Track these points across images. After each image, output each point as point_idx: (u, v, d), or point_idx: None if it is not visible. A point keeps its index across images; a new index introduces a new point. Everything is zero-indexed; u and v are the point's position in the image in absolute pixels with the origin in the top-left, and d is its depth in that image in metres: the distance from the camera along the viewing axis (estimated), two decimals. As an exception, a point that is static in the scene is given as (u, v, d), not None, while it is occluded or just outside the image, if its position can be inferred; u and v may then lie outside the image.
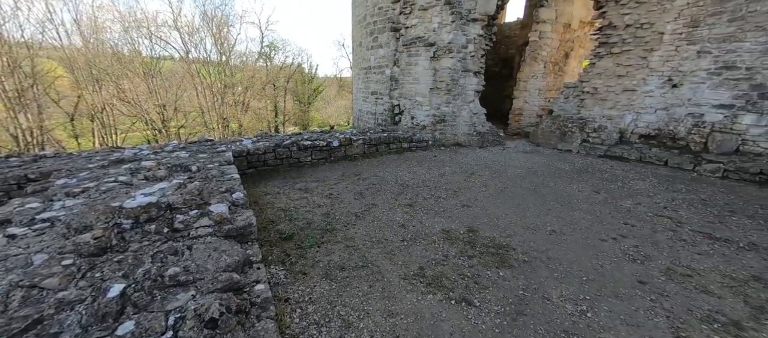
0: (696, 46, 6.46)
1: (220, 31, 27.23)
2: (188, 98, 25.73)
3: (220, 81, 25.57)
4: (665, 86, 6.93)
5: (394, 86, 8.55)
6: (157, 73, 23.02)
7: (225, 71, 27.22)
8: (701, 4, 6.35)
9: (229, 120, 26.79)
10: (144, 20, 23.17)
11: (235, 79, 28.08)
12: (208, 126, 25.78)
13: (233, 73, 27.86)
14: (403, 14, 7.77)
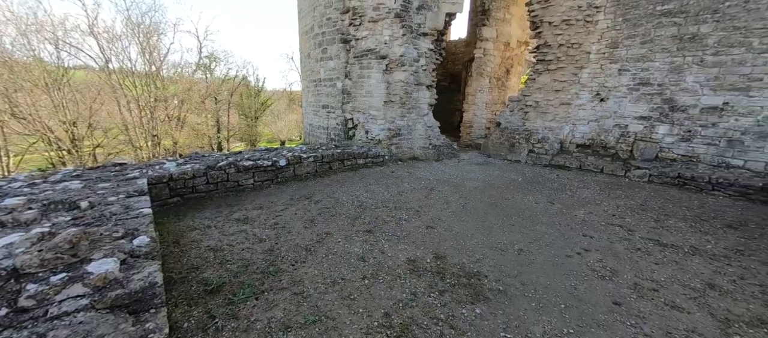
0: (617, 65, 7.15)
1: (148, 39, 24.31)
2: (108, 113, 22.28)
3: (148, 94, 22.59)
4: (595, 100, 7.55)
5: (347, 99, 8.08)
6: (65, 84, 19.47)
7: (155, 83, 24.23)
8: (618, 28, 7.08)
9: (161, 137, 23.75)
10: (48, 23, 19.60)
11: (167, 92, 25.13)
12: (135, 144, 22.52)
13: (166, 85, 24.92)
14: (353, 26, 7.42)
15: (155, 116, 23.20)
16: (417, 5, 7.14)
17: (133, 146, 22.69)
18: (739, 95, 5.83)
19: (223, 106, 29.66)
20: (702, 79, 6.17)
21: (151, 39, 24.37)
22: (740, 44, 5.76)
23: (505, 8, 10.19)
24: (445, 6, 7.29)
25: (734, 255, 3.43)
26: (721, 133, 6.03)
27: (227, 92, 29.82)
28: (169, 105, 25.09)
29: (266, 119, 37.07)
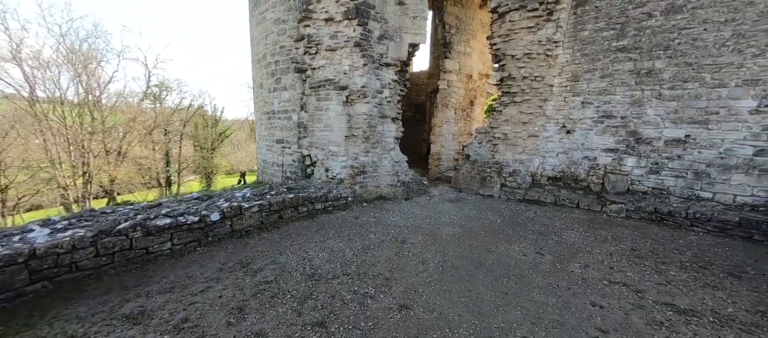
0: (580, 98, 7.01)
1: (86, 66, 21.55)
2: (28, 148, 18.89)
3: (78, 124, 19.56)
4: (561, 132, 7.30)
5: (303, 134, 7.04)
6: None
7: (92, 113, 21.26)
8: (577, 63, 7.01)
9: (95, 174, 20.50)
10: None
11: (107, 123, 22.14)
12: (60, 184, 19.12)
13: (104, 116, 21.96)
14: (309, 54, 6.57)
15: (88, 150, 20.08)
16: (378, 35, 6.53)
17: (59, 186, 19.26)
18: (699, 128, 5.78)
19: (175, 137, 26.87)
20: (662, 112, 6.11)
21: (89, 66, 21.65)
22: (694, 79, 5.79)
23: (465, 42, 10.10)
24: (407, 36, 6.76)
25: (763, 320, 2.82)
26: (687, 165, 5.90)
27: (179, 122, 27.20)
28: (107, 138, 22.04)
29: (225, 150, 34.39)
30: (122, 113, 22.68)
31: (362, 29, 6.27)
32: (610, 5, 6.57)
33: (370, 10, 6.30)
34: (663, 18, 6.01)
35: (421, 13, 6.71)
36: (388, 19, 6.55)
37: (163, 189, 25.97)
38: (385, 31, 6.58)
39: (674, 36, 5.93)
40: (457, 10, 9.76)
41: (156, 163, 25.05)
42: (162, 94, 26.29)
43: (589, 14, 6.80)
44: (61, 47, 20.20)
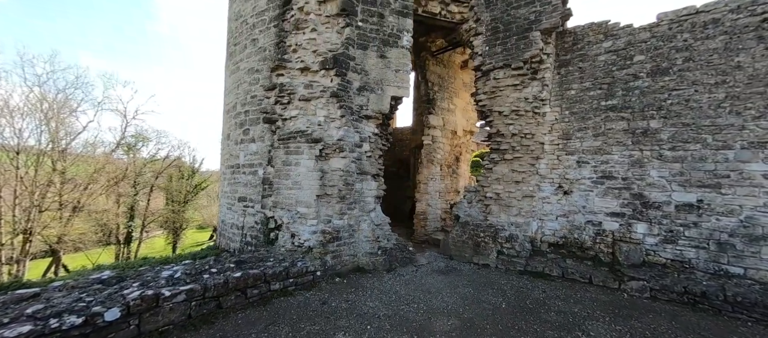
0: (574, 157, 6.43)
1: (58, 114, 20.22)
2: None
3: (33, 174, 17.49)
4: (558, 193, 6.55)
5: (268, 191, 5.91)
6: None
7: (54, 163, 19.33)
8: (567, 121, 6.59)
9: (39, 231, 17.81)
10: None
11: (68, 173, 20.09)
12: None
13: (66, 165, 19.99)
14: (280, 104, 5.79)
15: (36, 203, 17.70)
16: (358, 86, 5.91)
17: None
18: (712, 192, 5.13)
19: (144, 188, 24.73)
20: (666, 174, 5.51)
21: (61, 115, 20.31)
22: (694, 140, 5.33)
23: (448, 99, 9.85)
24: (389, 89, 6.20)
25: None
26: (707, 234, 5.11)
27: (152, 173, 25.33)
28: (65, 189, 19.80)
29: (199, 203, 32.03)
30: (86, 163, 20.82)
31: (340, 80, 5.64)
32: (593, 66, 6.39)
33: (349, 62, 5.76)
34: (650, 79, 5.77)
35: (403, 66, 6.26)
36: (368, 72, 6.01)
37: (120, 247, 22.97)
38: (366, 83, 5.99)
39: (665, 97, 5.62)
40: (439, 69, 9.68)
41: (117, 217, 22.49)
42: (137, 144, 24.82)
43: (573, 74, 6.57)
44: (31, 95, 19.02)
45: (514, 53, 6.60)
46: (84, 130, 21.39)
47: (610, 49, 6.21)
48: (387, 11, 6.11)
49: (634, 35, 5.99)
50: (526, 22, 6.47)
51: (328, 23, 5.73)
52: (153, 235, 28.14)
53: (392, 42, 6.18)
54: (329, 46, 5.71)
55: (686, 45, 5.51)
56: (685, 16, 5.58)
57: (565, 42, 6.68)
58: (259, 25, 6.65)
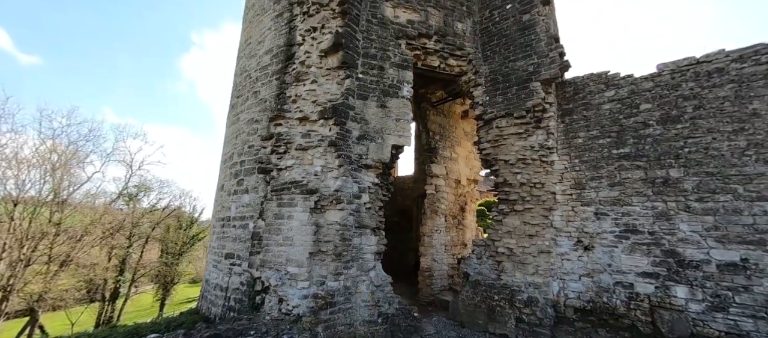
0: (591, 208, 5.89)
1: (65, 165, 20.36)
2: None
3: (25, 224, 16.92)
4: (578, 248, 5.87)
5: (256, 248, 5.32)
6: None
7: (51, 213, 18.93)
8: (578, 170, 6.20)
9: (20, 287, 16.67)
10: None
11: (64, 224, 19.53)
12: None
13: (62, 217, 19.51)
14: (276, 153, 5.52)
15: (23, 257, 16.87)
16: (357, 135, 5.69)
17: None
18: (757, 250, 4.48)
19: (138, 240, 23.82)
20: (699, 228, 4.91)
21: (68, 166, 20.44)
22: (723, 191, 4.84)
23: (450, 148, 9.66)
24: (390, 138, 5.98)
25: None
26: (763, 301, 4.33)
27: (149, 224, 24.63)
28: (56, 242, 19.05)
29: (196, 254, 30.61)
30: (84, 214, 20.35)
31: (339, 129, 5.43)
32: (598, 115, 6.20)
33: (349, 111, 5.63)
34: (662, 127, 5.50)
35: (404, 116, 6.12)
36: (368, 121, 5.85)
37: (104, 305, 21.32)
38: (365, 131, 5.79)
39: (681, 145, 5.28)
40: (440, 119, 9.67)
41: (106, 272, 21.27)
42: (139, 194, 24.58)
43: (578, 123, 6.37)
44: (42, 147, 19.37)
45: (516, 102, 6.49)
46: (88, 180, 21.36)
47: (613, 98, 6.07)
48: (387, 64, 6.17)
49: (636, 84, 5.89)
50: (525, 73, 6.48)
51: (328, 75, 5.72)
52: (142, 290, 26.42)
53: (392, 92, 6.12)
54: (329, 96, 5.62)
55: (693, 93, 5.34)
56: (687, 67, 5.51)
57: (566, 91, 6.61)
58: (262, 79, 6.73)
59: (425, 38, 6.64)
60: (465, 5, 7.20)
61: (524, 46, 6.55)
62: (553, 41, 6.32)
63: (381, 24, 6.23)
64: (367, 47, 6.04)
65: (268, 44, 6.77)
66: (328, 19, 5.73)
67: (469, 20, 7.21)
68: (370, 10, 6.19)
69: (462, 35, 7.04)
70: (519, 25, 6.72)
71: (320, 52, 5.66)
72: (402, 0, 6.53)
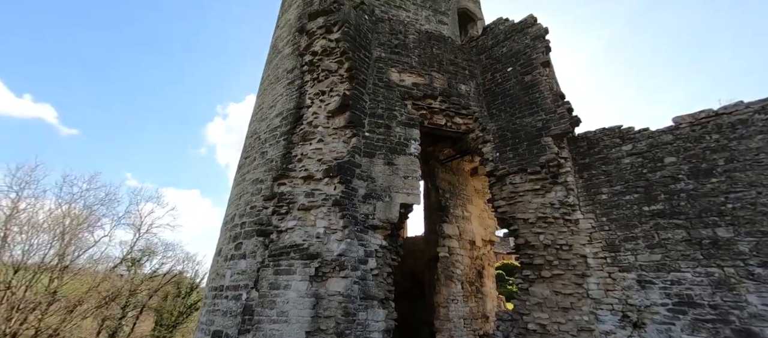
0: (632, 274, 5.09)
1: (75, 229, 20.33)
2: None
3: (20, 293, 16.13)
4: (626, 325, 4.89)
5: (247, 324, 4.59)
6: None
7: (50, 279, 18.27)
8: (608, 229, 5.56)
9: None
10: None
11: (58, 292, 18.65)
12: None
13: (59, 285, 18.74)
14: (277, 214, 5.17)
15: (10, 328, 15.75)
16: (363, 194, 5.37)
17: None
18: None
19: (133, 309, 22.30)
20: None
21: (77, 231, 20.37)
22: (790, 251, 4.11)
23: (461, 206, 9.15)
24: (398, 196, 5.62)
25: None
26: None
27: (148, 291, 23.33)
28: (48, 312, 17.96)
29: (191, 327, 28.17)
30: (81, 281, 19.54)
31: (344, 187, 5.14)
32: (619, 169, 5.80)
33: (354, 169, 5.41)
34: (694, 181, 5.02)
35: (412, 173, 5.86)
36: (375, 179, 5.59)
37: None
38: (372, 190, 5.48)
39: (721, 200, 4.72)
40: (449, 176, 9.38)
41: (94, 345, 19.48)
42: (142, 259, 23.85)
43: (598, 178, 5.95)
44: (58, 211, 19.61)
45: (528, 158, 6.22)
46: (95, 245, 21.04)
47: (632, 152, 5.75)
48: (394, 123, 6.17)
49: (654, 138, 5.60)
50: (534, 129, 6.34)
51: (335, 134, 5.69)
52: (128, 369, 23.73)
53: (400, 150, 5.98)
54: (335, 154, 5.49)
55: (720, 145, 4.98)
56: (705, 119, 5.26)
57: (580, 146, 6.34)
58: (270, 140, 6.77)
59: (430, 99, 6.76)
60: (467, 69, 7.51)
61: (530, 104, 6.55)
62: (558, 98, 6.31)
63: (387, 87, 6.43)
64: (374, 107, 6.11)
65: (279, 108, 6.99)
66: (337, 84, 5.94)
67: (472, 82, 7.44)
68: (376, 74, 6.45)
69: (466, 96, 7.18)
70: (522, 85, 6.83)
71: (328, 112, 5.73)
72: (406, 66, 6.85)
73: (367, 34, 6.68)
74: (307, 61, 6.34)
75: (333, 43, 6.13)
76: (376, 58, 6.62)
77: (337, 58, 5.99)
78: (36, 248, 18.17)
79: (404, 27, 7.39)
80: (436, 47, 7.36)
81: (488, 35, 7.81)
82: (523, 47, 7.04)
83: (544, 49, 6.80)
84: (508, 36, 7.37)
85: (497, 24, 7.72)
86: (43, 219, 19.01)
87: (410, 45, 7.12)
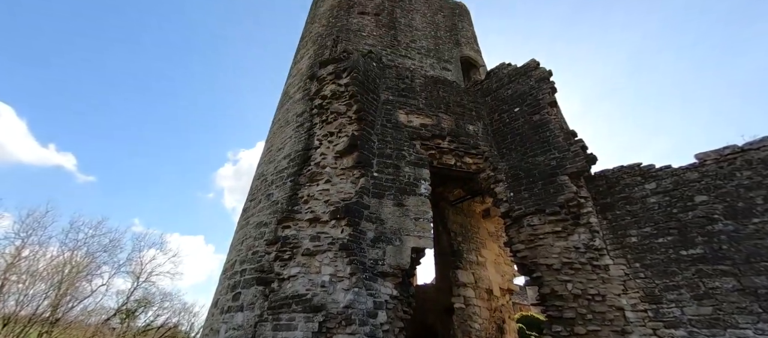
0: (681, 331, 4.40)
1: (73, 278, 19.63)
2: None
3: (3, 351, 15.03)
4: (685, 396, 4.09)
5: (238, 394, 3.96)
6: None
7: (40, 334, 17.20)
8: (644, 277, 4.99)
9: None
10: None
11: (44, 346, 17.42)
12: None
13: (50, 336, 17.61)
14: (280, 260, 4.80)
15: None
16: (372, 237, 5.01)
17: None
18: None
19: (120, 369, 20.47)
20: None
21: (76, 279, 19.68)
22: None
23: (476, 250, 8.57)
24: (409, 239, 5.22)
25: None
26: None
27: (138, 346, 21.65)
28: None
29: (180, 387, 25.52)
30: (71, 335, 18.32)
31: (352, 230, 4.82)
32: (645, 209, 5.39)
33: (363, 210, 5.13)
34: (733, 222, 4.58)
35: (423, 214, 5.53)
36: (385, 220, 5.26)
37: None
38: (382, 233, 5.12)
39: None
40: (460, 218, 8.95)
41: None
42: (137, 310, 22.53)
43: (624, 219, 5.52)
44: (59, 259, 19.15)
45: (545, 198, 5.88)
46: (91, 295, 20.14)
47: (657, 190, 5.39)
48: (403, 163, 6.02)
49: (679, 176, 5.28)
50: (548, 167, 6.10)
51: (343, 175, 5.52)
52: None
53: (409, 190, 5.74)
54: (343, 195, 5.26)
55: (755, 182, 4.63)
56: (731, 155, 4.99)
57: (598, 185, 6.02)
58: (277, 182, 6.64)
59: (439, 139, 6.69)
60: (474, 111, 7.56)
61: (541, 143, 6.40)
62: (570, 136, 6.17)
63: (395, 127, 6.42)
64: (382, 148, 6.03)
65: (287, 150, 6.98)
66: (345, 125, 5.95)
67: (480, 123, 7.43)
68: (384, 116, 6.49)
69: (475, 136, 7.11)
70: (530, 124, 6.77)
71: (336, 152, 5.64)
72: (414, 108, 6.92)
73: (375, 79, 6.89)
74: (317, 105, 6.46)
75: (342, 87, 6.29)
76: (384, 100, 6.73)
77: (345, 101, 6.09)
78: (31, 298, 17.42)
79: (410, 73, 7.65)
80: (442, 90, 7.51)
81: (492, 79, 8.01)
82: (529, 88, 7.13)
83: (550, 90, 6.86)
84: (513, 79, 7.53)
85: (500, 68, 7.95)
86: (42, 267, 18.52)
87: (417, 88, 7.29)
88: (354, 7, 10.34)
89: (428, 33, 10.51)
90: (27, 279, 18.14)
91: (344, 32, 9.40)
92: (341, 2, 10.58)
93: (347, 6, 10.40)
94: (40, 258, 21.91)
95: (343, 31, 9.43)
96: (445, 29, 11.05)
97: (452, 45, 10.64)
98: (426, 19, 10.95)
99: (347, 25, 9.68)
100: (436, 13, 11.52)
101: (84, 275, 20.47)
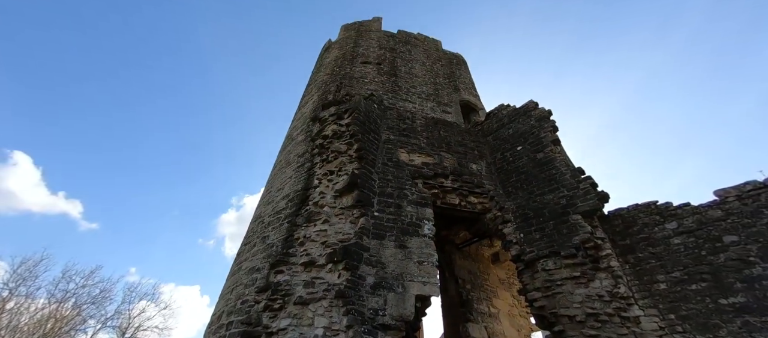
0: (741, 400, 3.66)
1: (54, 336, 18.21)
2: None
3: None
4: None
5: None
6: None
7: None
8: (681, 331, 4.35)
9: None
10: None
11: None
12: None
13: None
14: (270, 310, 4.29)
15: None
16: (372, 282, 4.53)
17: None
18: None
19: None
20: None
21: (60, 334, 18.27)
22: None
23: (487, 300, 7.79)
24: (413, 286, 4.71)
25: None
26: None
27: (113, 412, 19.16)
28: None
29: None
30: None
31: (350, 274, 4.38)
32: (669, 251, 4.93)
33: (362, 253, 4.73)
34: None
35: (428, 257, 5.09)
36: (386, 264, 4.82)
37: None
38: (383, 278, 4.65)
39: (822, 287, 3.72)
40: (468, 263, 8.32)
41: None
42: (117, 367, 20.36)
43: (648, 262, 5.02)
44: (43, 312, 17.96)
45: (558, 239, 5.45)
46: (72, 349, 18.48)
47: (679, 230, 4.99)
48: (404, 202, 5.75)
49: (701, 214, 4.92)
50: (559, 206, 5.77)
51: (341, 214, 5.23)
52: None
53: (412, 231, 5.37)
54: (341, 236, 4.91)
55: (786, 219, 4.25)
56: (754, 191, 4.68)
57: (615, 226, 5.62)
58: (274, 223, 6.31)
59: (442, 178, 6.50)
60: (476, 150, 7.48)
61: (548, 181, 6.16)
62: (578, 173, 5.94)
63: (396, 166, 6.27)
64: (383, 186, 5.81)
65: (287, 190, 6.78)
66: (346, 163, 5.82)
67: (483, 162, 7.29)
68: (385, 155, 6.39)
69: (478, 174, 6.91)
70: (535, 162, 6.60)
71: (335, 191, 5.42)
72: (415, 147, 6.85)
73: (376, 119, 6.95)
74: (318, 144, 6.43)
75: (343, 127, 6.31)
76: (384, 140, 6.70)
77: (346, 140, 6.05)
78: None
79: (411, 114, 7.76)
80: (443, 130, 7.53)
81: (492, 119, 8.07)
82: (529, 127, 7.11)
83: (551, 128, 6.83)
84: (513, 119, 7.57)
85: (500, 109, 8.06)
86: (24, 322, 17.28)
87: (418, 128, 7.31)
88: (357, 58, 10.99)
89: (428, 80, 10.97)
90: (6, 334, 16.85)
91: (347, 79, 9.84)
92: (346, 53, 11.28)
93: (351, 56, 11.06)
94: (24, 311, 20.55)
95: (346, 78, 9.87)
96: (444, 76, 11.57)
97: (451, 90, 11.03)
98: (425, 68, 11.53)
99: (350, 72, 10.18)
100: (435, 63, 12.18)
101: (67, 330, 19.01)
